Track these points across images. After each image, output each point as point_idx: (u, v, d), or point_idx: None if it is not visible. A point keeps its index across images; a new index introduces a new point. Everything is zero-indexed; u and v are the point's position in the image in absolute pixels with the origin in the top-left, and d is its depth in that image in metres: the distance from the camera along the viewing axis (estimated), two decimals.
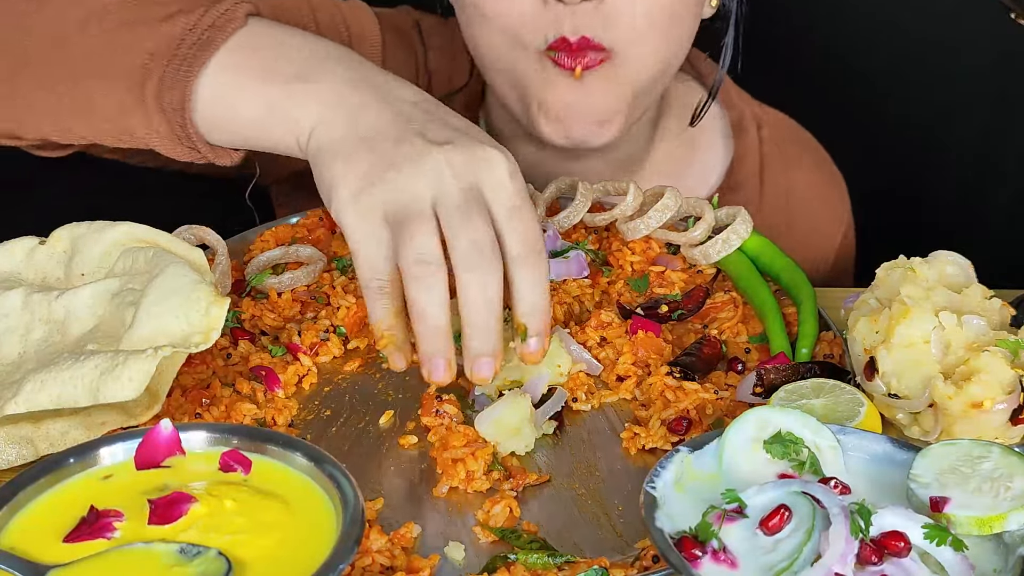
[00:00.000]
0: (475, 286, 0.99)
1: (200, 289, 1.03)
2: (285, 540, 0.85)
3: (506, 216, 1.02)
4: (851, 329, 1.07)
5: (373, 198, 1.01)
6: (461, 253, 0.99)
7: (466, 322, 1.00)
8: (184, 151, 1.15)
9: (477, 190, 1.01)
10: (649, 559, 0.93)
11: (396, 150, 1.02)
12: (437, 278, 0.99)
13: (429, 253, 0.99)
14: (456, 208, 1.00)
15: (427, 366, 1.01)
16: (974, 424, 0.99)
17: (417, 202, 1.00)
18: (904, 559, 0.81)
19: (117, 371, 0.97)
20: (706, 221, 1.25)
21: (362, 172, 1.02)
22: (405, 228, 0.99)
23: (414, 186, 1.01)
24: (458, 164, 1.01)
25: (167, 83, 1.10)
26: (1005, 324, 1.05)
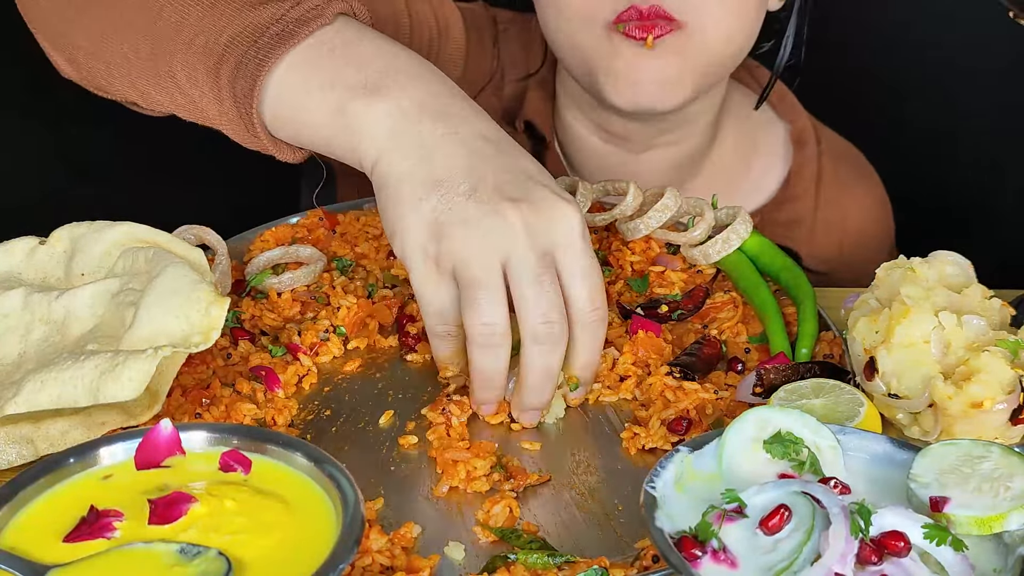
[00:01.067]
0: (539, 358, 1.01)
1: (200, 289, 1.03)
2: (285, 540, 0.85)
3: (577, 279, 1.02)
4: (851, 329, 1.07)
5: (442, 252, 1.00)
6: (531, 326, 1.00)
7: (523, 382, 1.03)
8: (250, 140, 1.13)
9: (550, 253, 1.01)
10: (649, 559, 0.93)
11: (469, 203, 1.00)
12: (502, 347, 1.02)
13: (497, 323, 1.00)
14: (529, 275, 1.00)
15: (478, 405, 1.07)
16: (974, 424, 0.99)
17: (487, 265, 1.00)
18: (904, 559, 0.81)
19: (117, 371, 0.97)
20: (706, 221, 1.25)
21: (432, 220, 1.00)
22: (473, 291, 1.00)
23: (486, 247, 0.99)
24: (532, 225, 1.00)
25: (241, 71, 1.09)
26: (1005, 324, 1.05)
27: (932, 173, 1.90)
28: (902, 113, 1.89)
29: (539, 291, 1.00)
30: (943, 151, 1.90)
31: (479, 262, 0.99)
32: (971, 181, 1.92)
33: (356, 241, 1.29)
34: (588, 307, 1.02)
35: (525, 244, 1.00)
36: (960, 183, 1.91)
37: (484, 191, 1.01)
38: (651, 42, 1.31)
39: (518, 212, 1.00)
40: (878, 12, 1.88)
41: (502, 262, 1.00)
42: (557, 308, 1.00)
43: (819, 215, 1.57)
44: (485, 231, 0.99)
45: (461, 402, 1.07)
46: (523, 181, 1.03)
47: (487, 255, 0.99)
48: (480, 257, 0.99)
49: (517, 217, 1.00)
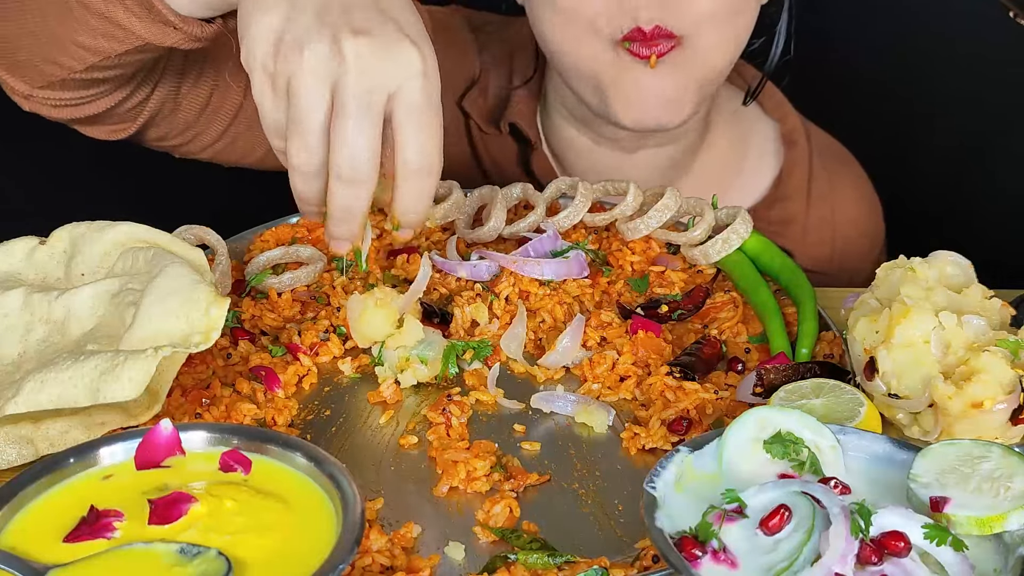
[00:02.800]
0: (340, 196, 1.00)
1: (200, 289, 1.03)
2: (285, 540, 0.85)
3: (405, 126, 0.99)
4: (851, 329, 1.07)
5: (278, 71, 0.98)
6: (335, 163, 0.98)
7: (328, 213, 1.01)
8: (164, 31, 1.12)
9: (382, 93, 0.98)
10: (649, 559, 0.93)
11: (311, 25, 0.98)
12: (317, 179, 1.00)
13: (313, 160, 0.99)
14: (347, 111, 0.97)
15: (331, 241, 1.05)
16: (974, 424, 0.99)
17: (313, 94, 0.97)
18: (904, 559, 0.81)
19: (117, 371, 0.97)
20: (706, 221, 1.25)
21: (275, 36, 0.98)
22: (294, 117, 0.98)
23: (316, 74, 0.97)
24: (367, 60, 0.97)
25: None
26: (1005, 324, 1.05)
27: (933, 173, 1.90)
28: (896, 113, 1.89)
29: (354, 129, 0.97)
30: (942, 151, 1.89)
31: (307, 90, 0.97)
32: (972, 182, 1.92)
33: None
34: (412, 157, 1.00)
35: (354, 78, 0.96)
36: (961, 184, 1.91)
37: (331, 15, 0.98)
38: (654, 61, 1.33)
39: (355, 44, 0.97)
40: (869, 12, 1.88)
41: (330, 88, 0.97)
42: (367, 151, 0.98)
43: (811, 213, 1.58)
44: (319, 57, 0.96)
45: (461, 402, 1.07)
46: (375, 14, 1.00)
47: (316, 83, 0.97)
48: (309, 85, 0.97)
49: (352, 48, 0.97)
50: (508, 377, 1.14)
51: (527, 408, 1.10)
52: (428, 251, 1.26)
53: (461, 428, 1.06)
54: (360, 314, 1.12)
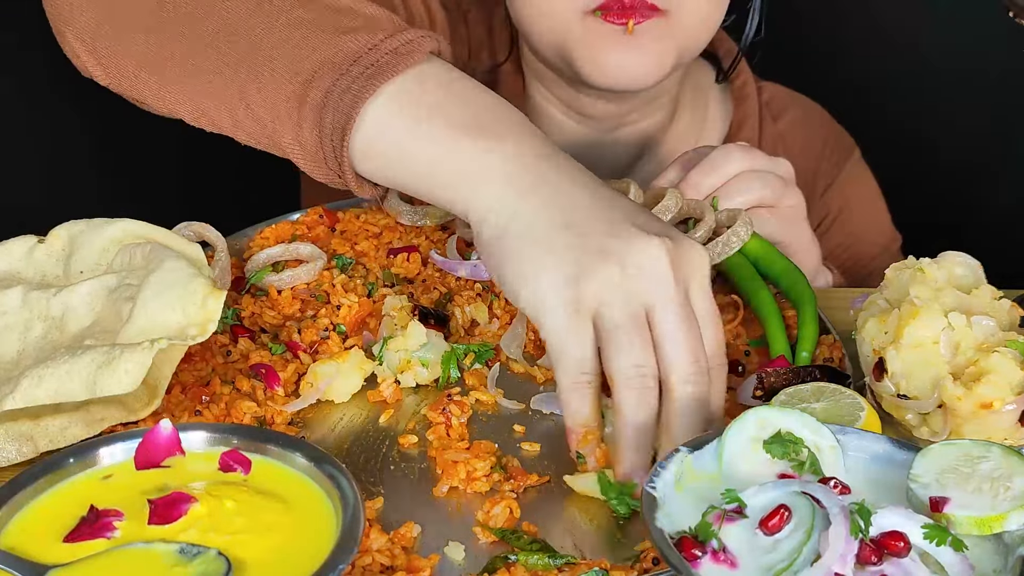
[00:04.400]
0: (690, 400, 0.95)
1: (196, 282, 1.03)
2: (285, 540, 0.85)
3: (709, 320, 0.98)
4: (860, 330, 1.07)
5: (583, 294, 0.94)
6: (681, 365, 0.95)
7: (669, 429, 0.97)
8: (326, 172, 1.06)
9: (688, 292, 0.96)
10: (649, 561, 0.93)
11: (609, 239, 0.94)
12: (654, 392, 0.95)
13: (648, 366, 0.94)
14: (677, 315, 0.94)
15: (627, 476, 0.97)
16: (983, 425, 0.99)
17: (634, 304, 0.94)
18: (904, 559, 0.81)
19: (114, 364, 0.97)
20: (706, 223, 1.24)
21: (570, 261, 0.94)
22: (620, 333, 0.93)
23: (633, 284, 0.94)
24: (676, 261, 0.95)
25: (331, 100, 1.01)
26: (1014, 325, 1.05)
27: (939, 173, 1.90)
28: (902, 112, 1.89)
29: (687, 331, 0.94)
30: (949, 149, 1.89)
31: (626, 302, 0.93)
32: (979, 181, 1.92)
33: (356, 239, 1.29)
34: (718, 350, 0.99)
35: (672, 281, 0.94)
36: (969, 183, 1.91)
37: (623, 227, 0.95)
38: (631, 27, 1.30)
39: (664, 247, 0.95)
40: (869, 14, 1.88)
41: (650, 301, 0.94)
42: (702, 348, 0.96)
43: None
44: (633, 265, 0.94)
45: (461, 402, 1.07)
46: (655, 221, 0.98)
47: (636, 292, 0.94)
48: (629, 294, 0.94)
49: (664, 251, 0.94)
50: (508, 377, 1.14)
51: (527, 408, 1.10)
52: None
53: (461, 428, 1.06)
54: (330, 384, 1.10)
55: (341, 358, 1.10)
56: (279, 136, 1.06)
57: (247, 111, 1.06)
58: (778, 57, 1.65)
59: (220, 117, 1.08)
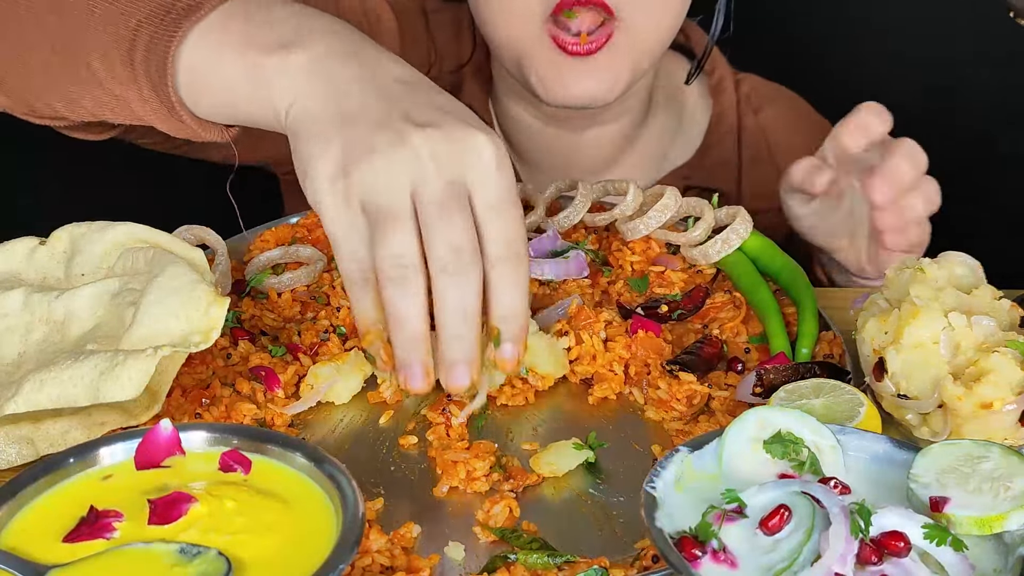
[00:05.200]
0: (452, 292, 0.93)
1: (200, 289, 1.03)
2: (285, 540, 0.85)
3: (489, 212, 0.94)
4: (860, 330, 1.07)
5: (350, 185, 0.94)
6: (439, 256, 0.92)
7: (441, 328, 0.94)
8: (176, 125, 1.08)
9: (460, 182, 0.94)
10: (649, 559, 0.93)
11: (376, 133, 0.94)
12: (415, 282, 0.93)
13: (407, 255, 0.92)
14: (436, 204, 0.93)
15: (404, 373, 0.95)
16: (983, 425, 0.99)
17: (395, 194, 0.93)
18: (904, 559, 0.81)
19: (117, 371, 0.97)
20: (706, 221, 1.25)
21: (339, 155, 0.95)
22: (381, 224, 0.93)
23: (392, 176, 0.93)
24: (441, 152, 0.94)
25: (152, 52, 1.05)
26: (1015, 325, 1.05)
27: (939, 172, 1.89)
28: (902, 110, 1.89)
29: (445, 218, 0.92)
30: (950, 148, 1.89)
31: (386, 192, 0.93)
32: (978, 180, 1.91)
33: None
34: (501, 243, 0.94)
35: (432, 171, 0.93)
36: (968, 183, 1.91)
37: (392, 121, 0.95)
38: (584, 39, 1.31)
39: (426, 139, 0.94)
40: (868, 11, 1.88)
41: (411, 192, 0.93)
42: (466, 236, 0.93)
43: (744, 152, 1.58)
44: (391, 159, 0.93)
45: (461, 402, 1.07)
46: (435, 111, 0.97)
47: (394, 184, 0.93)
48: (386, 186, 0.93)
49: (423, 142, 0.93)
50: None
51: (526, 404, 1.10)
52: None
53: (461, 428, 1.06)
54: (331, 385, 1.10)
55: (341, 360, 1.11)
56: (130, 103, 1.09)
57: (101, 88, 1.09)
58: (772, 57, 1.66)
59: (85, 100, 1.11)
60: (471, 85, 1.53)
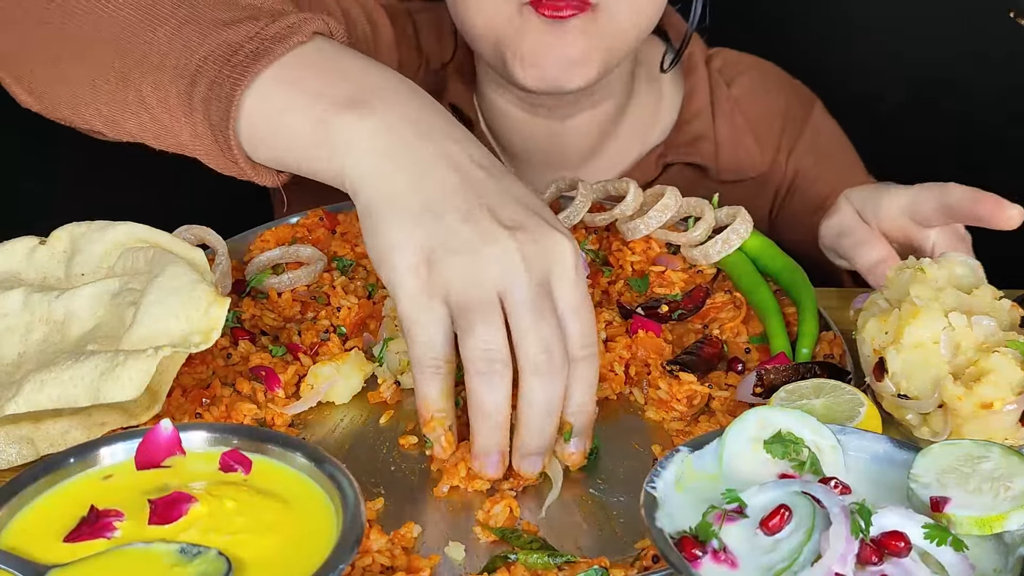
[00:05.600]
0: (541, 391, 0.96)
1: (200, 289, 1.03)
2: (285, 540, 0.85)
3: (570, 313, 0.97)
4: (860, 330, 1.06)
5: (437, 277, 0.95)
6: (531, 356, 0.95)
7: (523, 421, 0.97)
8: (227, 164, 1.08)
9: (546, 284, 0.96)
10: (649, 559, 0.93)
11: (464, 227, 0.95)
12: (504, 377, 0.96)
13: (497, 350, 0.95)
14: (528, 306, 0.95)
15: (481, 460, 0.99)
16: (984, 425, 0.99)
17: (484, 291, 0.95)
18: (904, 559, 0.81)
19: (117, 371, 0.97)
20: (706, 221, 1.25)
21: (426, 245, 0.95)
22: (470, 316, 0.95)
23: (482, 274, 0.95)
24: (530, 254, 0.96)
25: (215, 91, 1.03)
26: (1015, 325, 1.05)
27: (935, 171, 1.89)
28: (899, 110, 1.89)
29: (539, 321, 0.95)
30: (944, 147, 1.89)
31: (476, 288, 0.95)
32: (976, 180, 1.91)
33: (356, 241, 1.29)
34: (581, 342, 0.98)
35: (524, 273, 0.95)
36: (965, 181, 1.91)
37: (479, 216, 0.96)
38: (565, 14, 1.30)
39: (515, 240, 0.96)
40: (867, 11, 1.88)
41: (499, 291, 0.95)
42: (557, 338, 0.96)
43: (718, 125, 1.57)
44: (482, 257, 0.95)
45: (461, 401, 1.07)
46: (518, 208, 0.98)
47: (484, 282, 0.95)
48: (477, 283, 0.95)
49: (515, 245, 0.95)
50: None
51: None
52: None
53: (460, 428, 1.06)
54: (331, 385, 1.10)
55: (341, 359, 1.11)
56: (179, 135, 1.08)
57: (149, 114, 1.08)
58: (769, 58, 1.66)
59: (129, 124, 1.10)
60: (455, 83, 1.53)
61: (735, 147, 1.57)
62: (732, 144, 1.57)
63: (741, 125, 1.58)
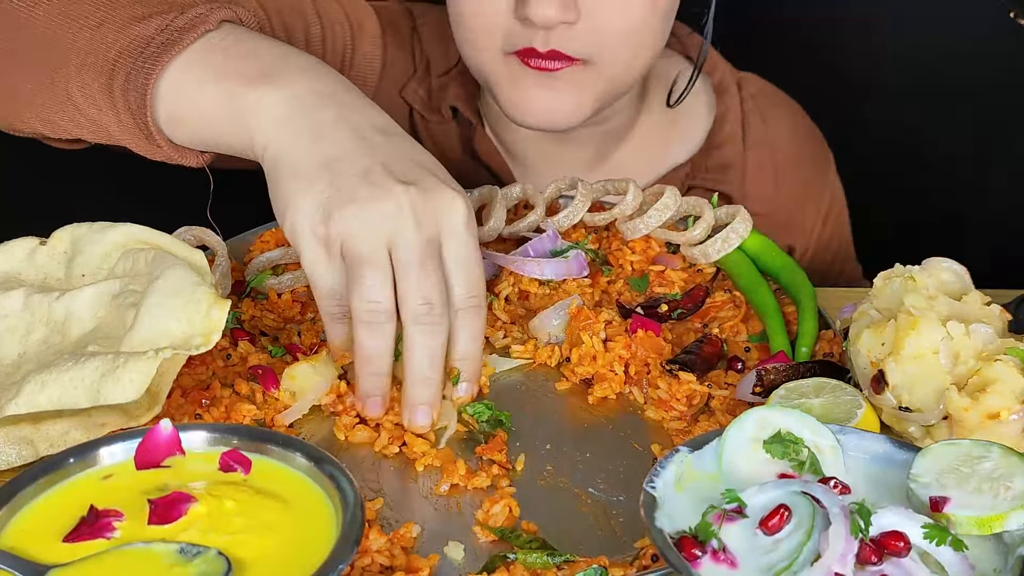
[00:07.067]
0: (421, 340, 1.02)
1: (201, 291, 1.03)
2: (285, 540, 0.85)
3: (457, 266, 1.04)
4: (854, 342, 1.04)
5: (331, 230, 1.01)
6: (413, 308, 1.01)
7: (409, 372, 1.03)
8: (153, 150, 1.14)
9: (435, 239, 1.03)
10: (648, 558, 0.93)
11: (359, 183, 1.02)
12: (386, 328, 1.02)
13: (381, 303, 1.01)
14: (414, 259, 1.01)
15: (364, 402, 1.06)
16: (989, 435, 0.95)
17: (373, 244, 1.01)
18: (904, 559, 0.81)
19: (118, 373, 0.97)
20: (705, 220, 1.25)
21: (322, 199, 1.02)
22: (359, 269, 1.01)
23: (373, 226, 1.01)
24: (420, 209, 1.01)
25: (131, 82, 1.11)
26: (1004, 330, 1.03)
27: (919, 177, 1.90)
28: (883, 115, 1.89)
29: (422, 273, 1.01)
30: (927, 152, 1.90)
31: (366, 241, 1.01)
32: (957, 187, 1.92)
33: None
34: (465, 293, 1.04)
35: (411, 227, 1.01)
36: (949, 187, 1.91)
37: (374, 173, 1.02)
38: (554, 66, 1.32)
39: (407, 195, 1.01)
40: (860, 12, 1.88)
41: (388, 243, 1.01)
42: (438, 291, 1.02)
43: (748, 156, 1.58)
44: (373, 211, 1.01)
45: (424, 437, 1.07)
46: (414, 167, 1.04)
47: (374, 234, 1.01)
48: (367, 236, 1.01)
49: (406, 199, 1.01)
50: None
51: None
52: None
53: None
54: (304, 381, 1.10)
55: (315, 359, 1.11)
56: (109, 128, 1.15)
57: (79, 112, 1.15)
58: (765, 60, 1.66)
59: (64, 122, 1.18)
60: (459, 88, 1.54)
61: (761, 182, 1.58)
62: (758, 178, 1.58)
63: (768, 162, 1.59)
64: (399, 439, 1.05)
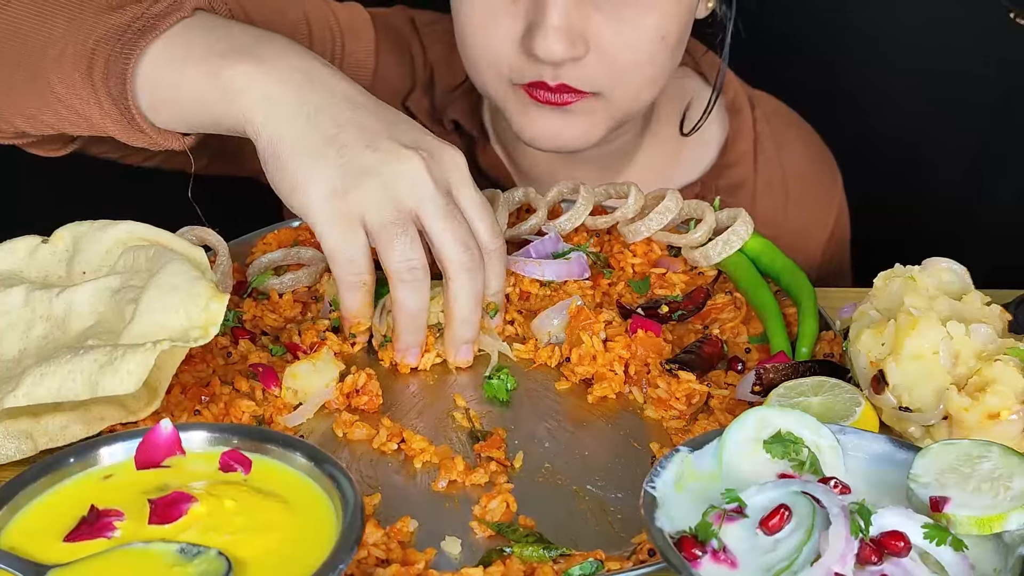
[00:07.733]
0: (469, 285, 1.08)
1: (199, 285, 1.03)
2: (285, 540, 0.85)
3: (476, 213, 1.10)
4: (854, 342, 1.04)
5: (351, 203, 1.05)
6: (457, 257, 1.07)
7: (455, 315, 1.10)
8: (136, 135, 1.16)
9: (449, 191, 1.08)
10: (644, 552, 0.92)
11: (370, 153, 1.05)
12: (424, 283, 1.08)
13: (418, 259, 1.06)
14: (440, 212, 1.06)
15: (403, 353, 1.12)
16: (989, 435, 0.95)
17: (399, 205, 1.05)
18: (904, 559, 0.81)
19: (116, 364, 0.97)
20: (707, 223, 1.25)
21: (335, 175, 1.05)
22: (389, 232, 1.05)
23: (396, 189, 1.05)
24: (432, 167, 1.07)
25: (111, 69, 1.12)
26: (1004, 330, 1.03)
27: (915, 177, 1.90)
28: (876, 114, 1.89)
29: (454, 224, 1.07)
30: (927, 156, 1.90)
31: (390, 208, 1.05)
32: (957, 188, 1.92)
33: None
34: (490, 236, 1.10)
35: (431, 186, 1.06)
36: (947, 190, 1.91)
37: (381, 141, 1.06)
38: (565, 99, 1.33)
39: (418, 156, 1.06)
40: (860, 14, 1.88)
41: (412, 205, 1.06)
42: (470, 235, 1.08)
43: (759, 176, 1.59)
44: (390, 178, 1.05)
45: None
46: (409, 129, 1.09)
47: (397, 200, 1.05)
48: (391, 203, 1.05)
49: (418, 161, 1.06)
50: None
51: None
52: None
53: None
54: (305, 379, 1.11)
55: (315, 357, 1.11)
56: (91, 117, 1.16)
57: (61, 103, 1.16)
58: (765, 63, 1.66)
59: (46, 116, 1.19)
60: (465, 102, 1.54)
61: (770, 204, 1.58)
62: (767, 200, 1.58)
63: (778, 185, 1.60)
64: (398, 436, 1.05)
